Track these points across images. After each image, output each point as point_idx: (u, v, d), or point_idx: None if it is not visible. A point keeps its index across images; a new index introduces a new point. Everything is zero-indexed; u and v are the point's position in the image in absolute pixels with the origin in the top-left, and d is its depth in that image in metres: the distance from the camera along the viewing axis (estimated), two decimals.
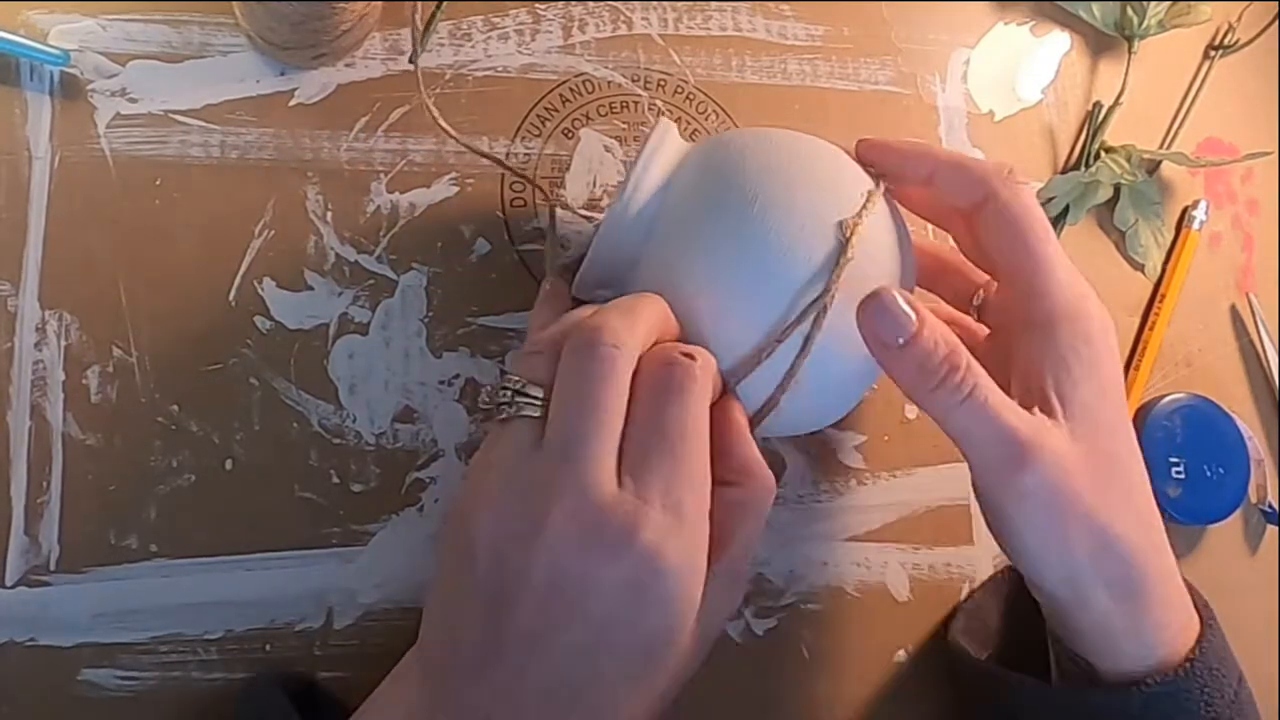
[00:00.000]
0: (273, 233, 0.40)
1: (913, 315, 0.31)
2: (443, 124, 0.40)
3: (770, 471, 0.32)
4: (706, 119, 0.46)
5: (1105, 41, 0.53)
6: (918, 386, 0.32)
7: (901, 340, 0.31)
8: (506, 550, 0.29)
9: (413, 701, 0.30)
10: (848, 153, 0.37)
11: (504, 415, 0.31)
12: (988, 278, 0.39)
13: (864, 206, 0.34)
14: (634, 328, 0.31)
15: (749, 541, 0.32)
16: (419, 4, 0.40)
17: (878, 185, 0.36)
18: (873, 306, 0.31)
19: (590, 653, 0.28)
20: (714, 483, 0.30)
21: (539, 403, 0.30)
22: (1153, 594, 0.33)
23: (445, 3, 0.41)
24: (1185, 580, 0.36)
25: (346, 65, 0.42)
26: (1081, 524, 0.32)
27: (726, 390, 0.33)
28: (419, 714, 0.29)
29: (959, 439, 0.32)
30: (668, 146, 0.36)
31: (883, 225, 0.35)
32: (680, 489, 0.29)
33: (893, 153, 0.37)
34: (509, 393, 0.31)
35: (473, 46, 0.44)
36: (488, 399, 0.31)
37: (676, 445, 0.29)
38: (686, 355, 0.30)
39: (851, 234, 0.33)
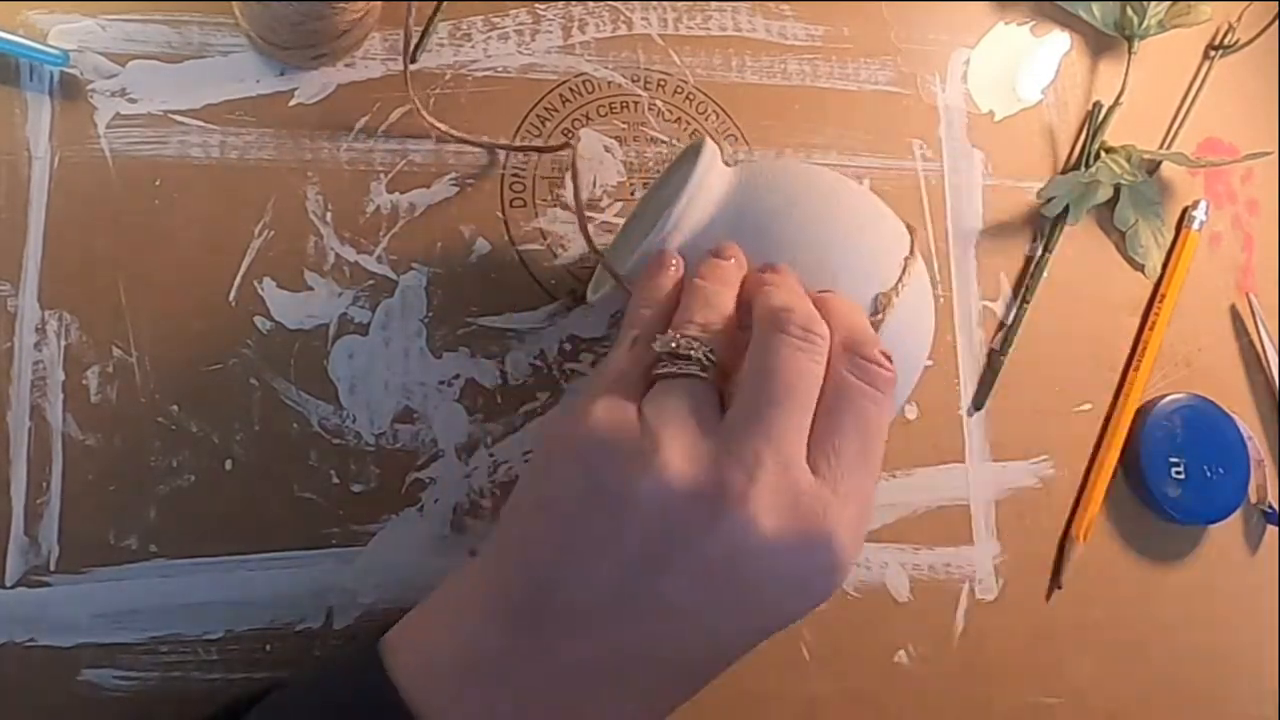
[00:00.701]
0: (273, 233, 0.40)
1: None
2: (432, 121, 0.40)
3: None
4: (706, 119, 0.46)
5: (1105, 41, 0.53)
6: None
7: None
8: (683, 512, 0.27)
9: (484, 635, 0.28)
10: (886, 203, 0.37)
11: (675, 370, 0.30)
12: None
13: (900, 280, 0.34)
14: (828, 323, 0.30)
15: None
16: (413, 6, 0.40)
17: (913, 251, 0.35)
18: None
19: (721, 634, 0.28)
20: None
21: (712, 365, 0.30)
22: None
23: (444, 3, 0.41)
24: None
25: (346, 65, 0.42)
26: None
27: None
28: (501, 648, 0.28)
29: None
30: (712, 180, 0.36)
31: (915, 289, 0.35)
32: (867, 483, 0.29)
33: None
34: (699, 346, 0.30)
35: (473, 46, 0.44)
36: (664, 346, 0.30)
37: (872, 441, 0.29)
38: (887, 356, 0.30)
39: (885, 310, 0.33)
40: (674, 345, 0.30)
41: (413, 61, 0.41)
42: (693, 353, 0.30)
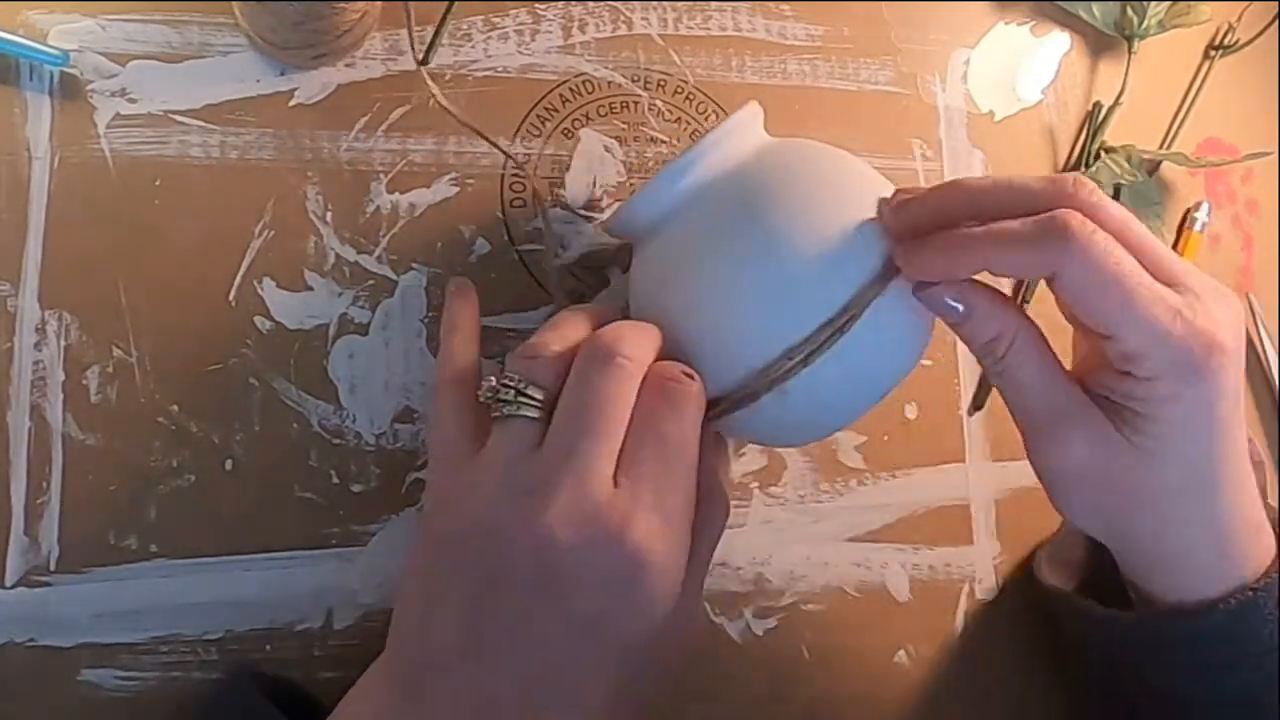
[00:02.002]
0: (273, 233, 0.40)
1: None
2: (453, 111, 0.40)
3: (728, 497, 0.35)
4: (706, 119, 0.46)
5: (1105, 41, 0.53)
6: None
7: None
8: (498, 541, 0.29)
9: (383, 702, 0.30)
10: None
11: (502, 413, 0.32)
12: None
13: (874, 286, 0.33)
14: (645, 346, 0.32)
15: (709, 555, 0.34)
16: (412, 6, 0.40)
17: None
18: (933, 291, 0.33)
19: (569, 647, 0.29)
20: None
21: (538, 405, 0.31)
22: (1233, 525, 0.34)
23: (456, 2, 0.41)
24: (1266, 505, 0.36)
25: (346, 65, 0.42)
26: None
27: (709, 413, 0.33)
28: (389, 714, 0.30)
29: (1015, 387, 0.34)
30: (749, 131, 0.36)
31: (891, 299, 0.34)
32: (671, 495, 0.30)
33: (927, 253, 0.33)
34: (511, 391, 0.32)
35: (473, 46, 0.44)
36: (486, 395, 0.32)
37: (672, 456, 0.31)
38: (688, 375, 0.32)
39: (849, 322, 0.32)
40: (492, 393, 0.32)
41: (425, 62, 0.41)
42: (508, 395, 0.32)
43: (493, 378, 0.32)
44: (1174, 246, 0.52)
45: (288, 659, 0.37)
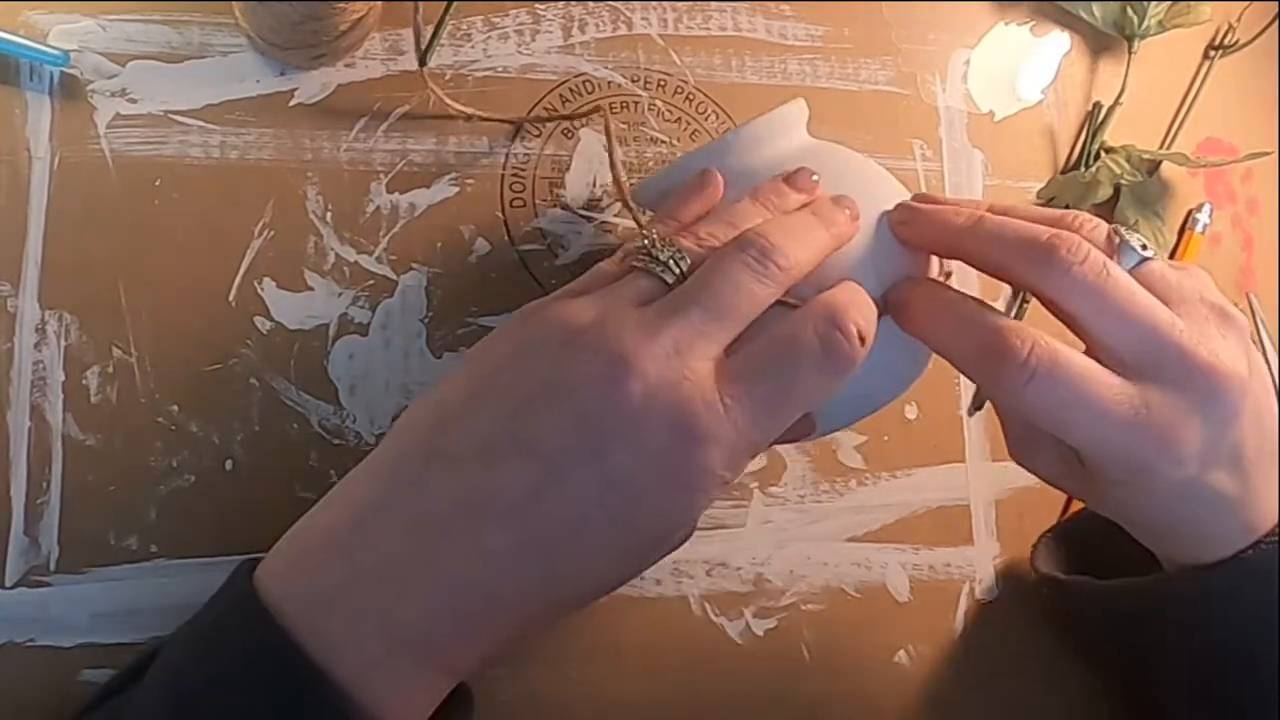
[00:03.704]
0: (273, 233, 0.40)
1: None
2: (453, 104, 0.40)
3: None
4: (706, 119, 0.46)
5: (1105, 41, 0.53)
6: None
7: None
8: (571, 361, 0.28)
9: (365, 491, 0.29)
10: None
11: (642, 265, 0.30)
12: None
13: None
14: (800, 253, 0.31)
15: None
16: (420, 5, 0.40)
17: None
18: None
19: (584, 495, 0.27)
20: None
21: (679, 275, 0.30)
22: (1257, 486, 0.33)
23: (456, 3, 0.41)
24: None
25: (346, 65, 0.42)
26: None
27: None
28: (371, 504, 0.28)
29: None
30: (792, 127, 0.37)
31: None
32: (760, 428, 0.28)
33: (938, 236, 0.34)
34: (667, 251, 0.30)
35: (472, 46, 0.44)
36: (637, 244, 0.31)
37: (784, 402, 0.29)
38: (861, 339, 0.30)
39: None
40: (647, 243, 0.31)
41: (423, 63, 0.41)
42: (661, 255, 0.30)
43: (642, 238, 0.31)
44: (1175, 247, 0.52)
45: None
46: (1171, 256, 0.51)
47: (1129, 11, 0.52)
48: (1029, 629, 0.45)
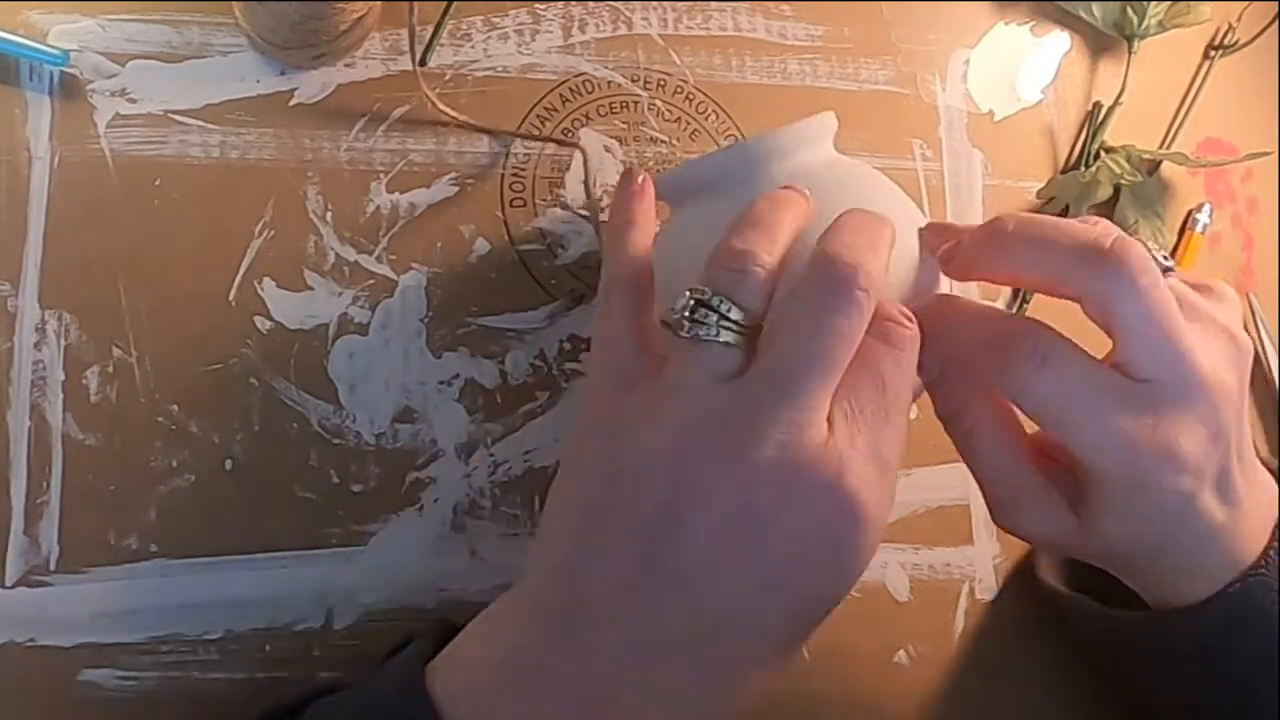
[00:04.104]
0: (273, 233, 0.40)
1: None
2: (446, 110, 0.40)
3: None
4: (706, 119, 0.46)
5: (1105, 41, 0.53)
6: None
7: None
8: (690, 469, 0.26)
9: (528, 633, 0.27)
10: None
11: (696, 335, 0.28)
12: None
13: None
14: (879, 261, 0.29)
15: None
16: (416, 6, 0.40)
17: None
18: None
19: (753, 596, 0.26)
20: None
21: (740, 330, 0.28)
22: (1236, 545, 0.33)
23: (455, 3, 0.41)
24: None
25: (346, 65, 0.42)
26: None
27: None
28: (533, 648, 0.27)
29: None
30: (821, 139, 0.37)
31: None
32: (887, 444, 0.28)
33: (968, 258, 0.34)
34: (713, 315, 0.28)
35: (472, 46, 0.44)
36: (679, 314, 0.28)
37: (891, 401, 0.28)
38: (907, 316, 0.29)
39: None
40: (687, 311, 0.28)
41: (423, 64, 0.41)
42: (708, 318, 0.28)
43: (688, 293, 0.28)
44: (1175, 247, 0.52)
45: (287, 659, 0.37)
46: (1171, 256, 0.51)
47: (1129, 11, 0.52)
48: (1029, 629, 0.44)
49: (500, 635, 0.28)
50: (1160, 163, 0.52)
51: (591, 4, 0.46)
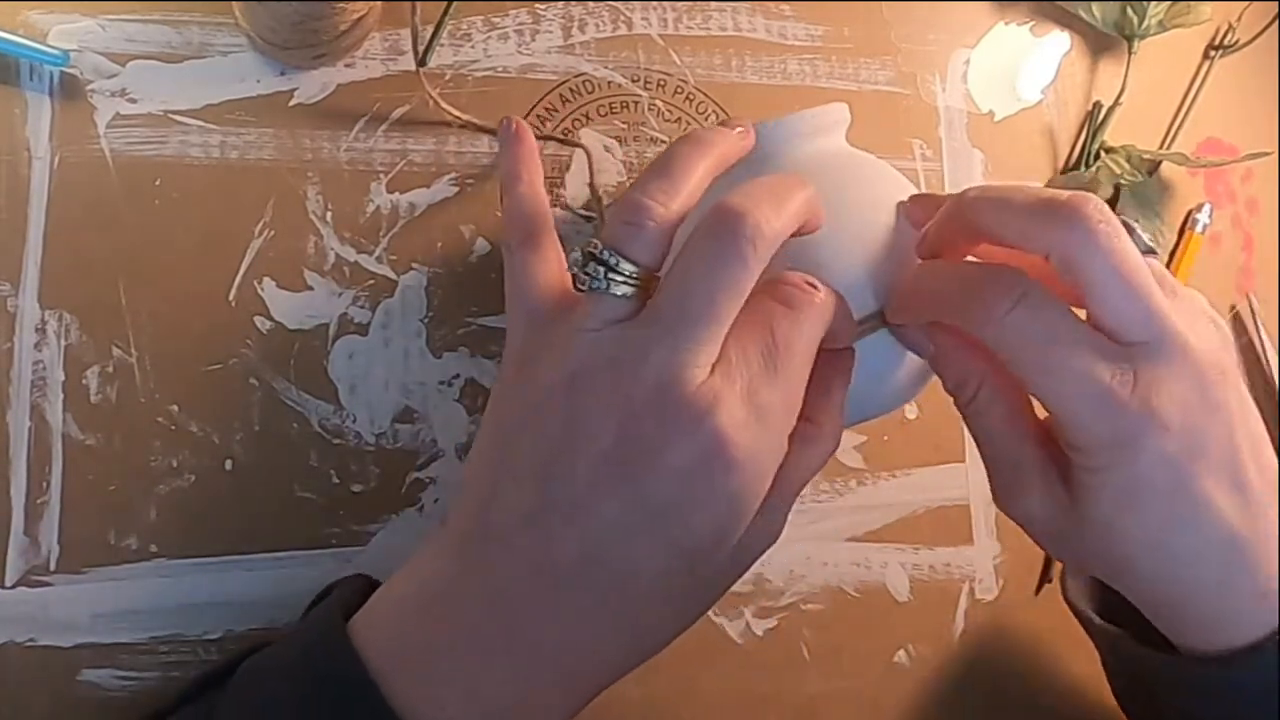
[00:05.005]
0: (273, 233, 0.40)
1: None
2: (450, 109, 0.40)
3: (841, 428, 0.32)
4: (706, 119, 0.46)
5: (1105, 41, 0.53)
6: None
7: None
8: (579, 406, 0.28)
9: (440, 567, 0.29)
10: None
11: (589, 287, 0.30)
12: None
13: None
14: (781, 218, 0.29)
15: (801, 482, 0.31)
16: (418, 6, 0.40)
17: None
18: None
19: (634, 534, 0.27)
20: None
21: (632, 283, 0.29)
22: (1259, 560, 0.30)
23: (455, 3, 0.41)
24: None
25: (346, 65, 0.42)
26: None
27: (846, 341, 0.33)
28: (445, 579, 0.29)
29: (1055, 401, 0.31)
30: (836, 131, 0.37)
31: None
32: (771, 395, 0.28)
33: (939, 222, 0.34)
34: (601, 268, 0.29)
35: (472, 46, 0.44)
36: (573, 266, 0.30)
37: (781, 357, 0.29)
38: (811, 285, 0.30)
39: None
40: (578, 265, 0.30)
41: (423, 65, 0.41)
42: (597, 271, 0.29)
43: (579, 250, 0.30)
44: (1175, 248, 0.52)
45: None
46: (1171, 256, 0.52)
47: (1129, 11, 0.52)
48: (1029, 629, 0.45)
49: (418, 571, 0.30)
50: (1160, 163, 0.52)
51: (591, 4, 0.46)
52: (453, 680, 0.27)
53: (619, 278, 0.29)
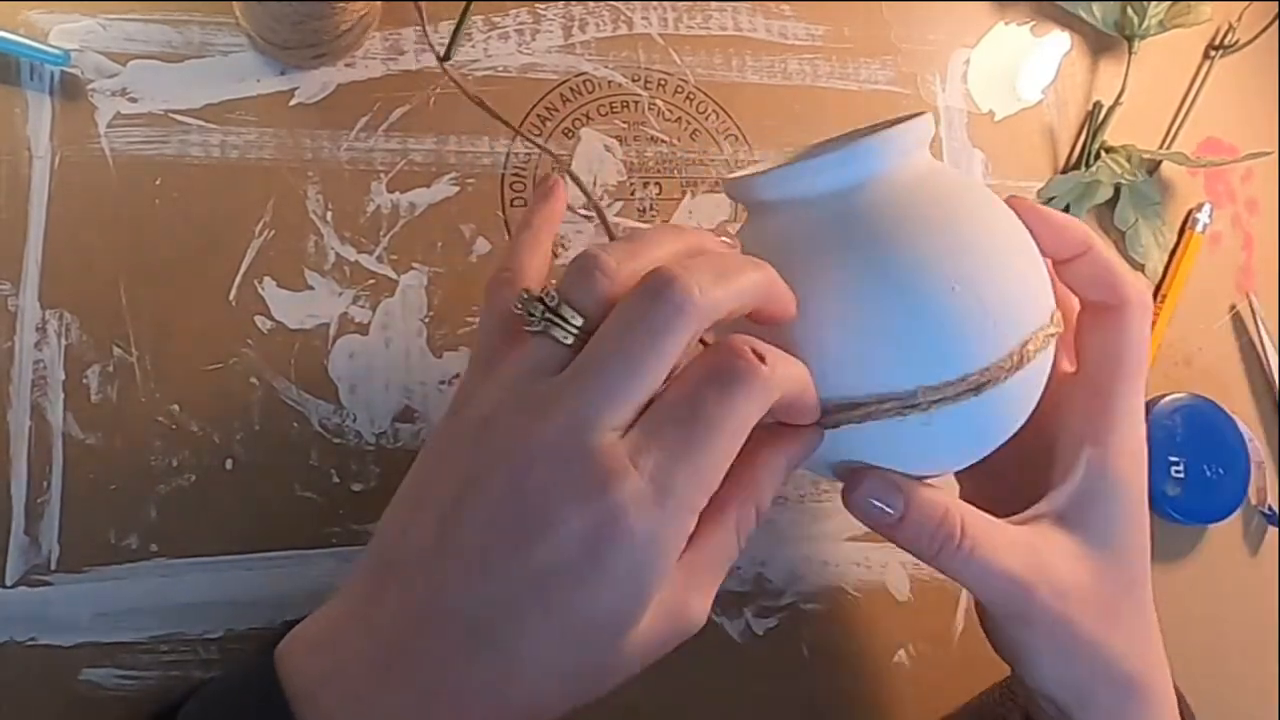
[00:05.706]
0: (273, 233, 0.40)
1: (900, 495, 0.32)
2: (474, 96, 0.40)
3: (766, 508, 0.31)
4: (706, 119, 0.46)
5: (1105, 41, 0.53)
6: (919, 553, 0.32)
7: (891, 519, 0.32)
8: (484, 448, 0.27)
9: (355, 589, 0.29)
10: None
11: (531, 328, 0.29)
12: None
13: (1048, 333, 0.32)
14: (721, 290, 0.27)
15: (722, 564, 0.30)
16: (423, 6, 0.40)
17: (1053, 320, 0.32)
18: (861, 489, 0.32)
19: (519, 591, 0.26)
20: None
21: (572, 331, 0.28)
22: (1150, 711, 0.33)
23: (471, 1, 0.41)
24: (1175, 688, 0.36)
25: (346, 65, 0.42)
26: (1084, 649, 0.32)
27: (816, 420, 0.31)
28: (355, 601, 0.28)
29: (966, 586, 0.33)
30: (921, 145, 0.33)
31: (1037, 369, 0.32)
32: (679, 474, 0.26)
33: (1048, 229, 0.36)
34: (540, 307, 0.28)
35: (473, 46, 0.44)
36: (516, 306, 0.29)
37: (699, 432, 0.26)
38: (759, 355, 0.28)
39: (1025, 359, 0.31)
40: (521, 305, 0.29)
41: (447, 58, 0.41)
42: (536, 310, 0.28)
43: (527, 290, 0.29)
44: (1175, 248, 0.52)
45: None
46: (1171, 256, 0.51)
47: (1129, 11, 0.52)
48: None
49: (338, 597, 0.30)
50: (1160, 163, 0.52)
51: (592, 4, 0.46)
52: (356, 708, 0.27)
53: (558, 320, 0.28)
